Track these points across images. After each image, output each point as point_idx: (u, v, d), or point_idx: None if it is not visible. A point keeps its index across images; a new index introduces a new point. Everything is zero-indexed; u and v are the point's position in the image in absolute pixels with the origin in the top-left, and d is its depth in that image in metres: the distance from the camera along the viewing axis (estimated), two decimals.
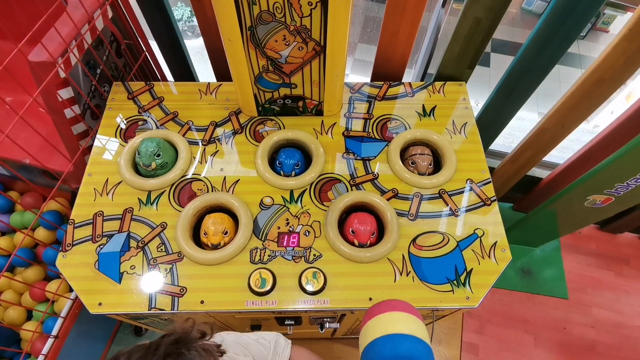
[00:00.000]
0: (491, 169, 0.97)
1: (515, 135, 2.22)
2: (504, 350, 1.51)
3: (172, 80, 1.35)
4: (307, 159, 1.00)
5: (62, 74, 0.92)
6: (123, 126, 1.01)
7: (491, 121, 1.28)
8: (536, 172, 1.57)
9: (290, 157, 0.96)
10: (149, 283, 0.82)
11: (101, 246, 0.85)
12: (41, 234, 1.28)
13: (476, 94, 1.07)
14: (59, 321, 1.09)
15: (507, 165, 1.44)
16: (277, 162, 0.97)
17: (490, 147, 1.55)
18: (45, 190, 1.31)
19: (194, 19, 3.67)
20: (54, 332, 1.08)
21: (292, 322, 0.96)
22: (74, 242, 0.85)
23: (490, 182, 0.96)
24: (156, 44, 1.23)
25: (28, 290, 1.27)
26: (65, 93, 0.96)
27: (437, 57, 1.16)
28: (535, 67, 1.07)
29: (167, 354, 0.46)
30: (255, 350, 0.69)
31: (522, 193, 1.66)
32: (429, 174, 0.96)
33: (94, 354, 1.38)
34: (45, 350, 1.06)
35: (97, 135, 1.00)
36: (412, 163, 0.98)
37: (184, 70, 1.30)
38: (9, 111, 0.89)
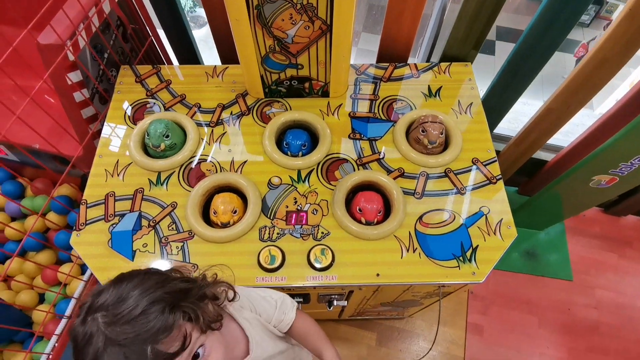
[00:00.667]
0: (496, 152, 0.98)
1: (521, 120, 2.21)
2: (508, 331, 1.53)
3: (178, 64, 1.36)
4: (313, 140, 1.01)
5: (71, 57, 0.93)
6: (129, 113, 1.02)
7: (495, 104, 1.28)
8: (541, 155, 1.58)
9: (297, 138, 0.97)
10: (161, 260, 0.83)
11: (113, 225, 0.87)
12: (52, 218, 1.30)
13: (481, 82, 1.07)
14: (72, 302, 1.11)
15: (512, 148, 1.45)
16: (284, 143, 0.98)
17: (495, 131, 1.56)
18: (54, 176, 1.33)
19: (197, 9, 3.65)
20: (67, 312, 1.11)
21: (301, 300, 0.98)
22: (87, 222, 0.87)
23: (495, 161, 0.97)
24: (161, 27, 1.23)
25: (40, 274, 1.29)
26: (74, 76, 0.97)
27: (442, 42, 1.16)
28: (539, 48, 1.07)
29: (157, 300, 0.47)
30: (261, 307, 0.70)
31: (527, 176, 1.66)
32: (440, 144, 0.96)
33: None
34: (58, 330, 1.09)
35: (107, 118, 1.01)
36: (423, 131, 0.94)
37: (189, 54, 1.31)
38: (18, 97, 0.90)
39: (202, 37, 2.99)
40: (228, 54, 1.23)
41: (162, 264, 0.83)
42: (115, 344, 0.44)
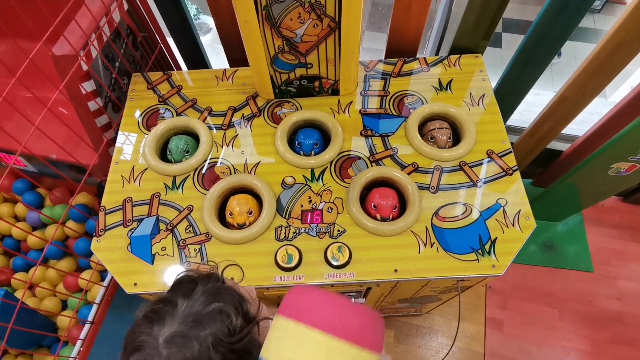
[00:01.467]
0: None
1: (533, 111, 2.17)
2: (529, 324, 1.51)
3: (187, 69, 1.37)
4: (325, 139, 1.01)
5: (85, 67, 0.95)
6: (143, 119, 1.04)
7: (508, 94, 1.27)
8: (556, 145, 1.55)
9: (309, 137, 0.97)
10: (180, 263, 0.84)
11: (132, 230, 0.88)
12: (71, 226, 1.33)
13: (489, 74, 1.06)
14: (94, 307, 1.13)
15: (525, 139, 1.42)
16: (296, 142, 0.98)
17: (507, 123, 1.54)
18: (71, 185, 1.35)
19: (201, 16, 3.68)
20: (90, 317, 1.13)
21: None
22: (107, 228, 0.89)
23: (511, 152, 0.96)
24: (170, 34, 1.25)
25: (62, 281, 1.32)
26: (88, 86, 0.99)
27: (450, 35, 1.15)
28: (550, 36, 1.05)
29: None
30: None
31: (542, 167, 1.64)
32: (449, 148, 0.96)
33: None
34: (82, 335, 1.11)
35: (121, 125, 1.03)
36: (432, 138, 0.98)
37: (198, 60, 1.32)
38: (33, 110, 0.92)
39: (208, 42, 3.01)
40: (236, 57, 1.24)
41: (181, 265, 0.84)
42: None
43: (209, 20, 3.44)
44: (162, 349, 0.44)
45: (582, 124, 1.67)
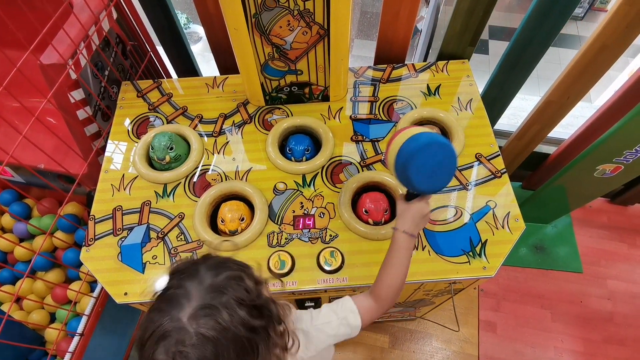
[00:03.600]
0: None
1: (520, 116, 2.21)
2: (522, 326, 1.52)
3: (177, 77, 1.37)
4: (316, 144, 1.01)
5: (73, 76, 0.94)
6: (133, 127, 1.03)
7: (496, 97, 1.29)
8: (543, 148, 1.58)
9: (300, 143, 0.97)
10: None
11: (122, 239, 0.87)
12: (60, 236, 1.30)
13: (476, 80, 1.09)
14: (84, 319, 1.11)
15: (513, 143, 1.45)
16: (287, 148, 0.98)
17: (495, 127, 1.56)
18: (59, 195, 1.34)
19: (191, 25, 3.69)
20: (79, 329, 1.11)
21: (312, 304, 0.98)
22: (96, 237, 0.87)
23: (499, 155, 0.98)
24: (160, 43, 1.25)
25: (50, 293, 1.29)
26: (77, 94, 0.98)
27: (437, 42, 1.17)
28: (535, 40, 1.07)
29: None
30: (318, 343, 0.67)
31: (530, 170, 1.66)
32: None
33: (118, 352, 1.41)
34: (72, 347, 1.09)
35: (110, 133, 1.02)
36: None
37: (187, 68, 1.32)
38: (20, 119, 0.91)
39: (198, 51, 3.01)
40: (227, 65, 1.25)
41: None
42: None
43: (199, 30, 3.45)
44: (188, 326, 0.45)
45: (568, 127, 1.70)
